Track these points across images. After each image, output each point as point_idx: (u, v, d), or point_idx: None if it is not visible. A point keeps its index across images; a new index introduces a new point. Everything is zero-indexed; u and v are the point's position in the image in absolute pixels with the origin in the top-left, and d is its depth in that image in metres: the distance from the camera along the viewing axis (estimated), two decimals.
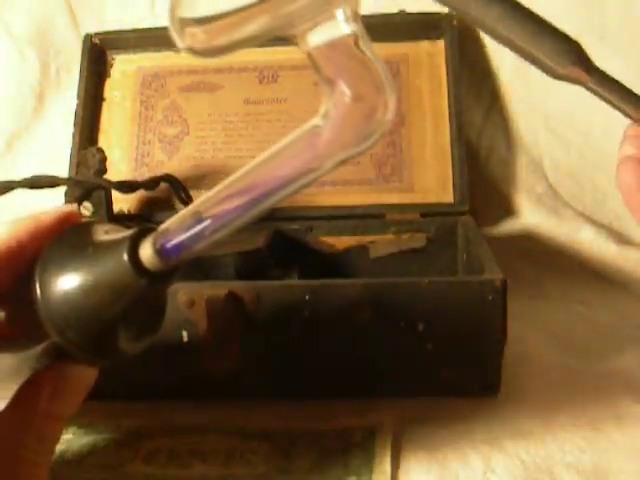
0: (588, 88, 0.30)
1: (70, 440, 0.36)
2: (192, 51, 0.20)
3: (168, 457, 0.35)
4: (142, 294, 0.24)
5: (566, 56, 0.30)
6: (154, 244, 0.24)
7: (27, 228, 0.26)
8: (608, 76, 0.30)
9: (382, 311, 0.38)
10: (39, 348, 0.26)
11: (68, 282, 0.24)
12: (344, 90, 0.21)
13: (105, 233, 0.25)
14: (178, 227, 0.24)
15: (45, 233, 0.26)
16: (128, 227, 0.26)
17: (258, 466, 0.34)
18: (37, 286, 0.24)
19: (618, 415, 0.37)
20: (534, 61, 0.31)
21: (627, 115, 0.32)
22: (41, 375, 0.25)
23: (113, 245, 0.24)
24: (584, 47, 0.31)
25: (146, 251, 0.23)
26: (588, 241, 0.64)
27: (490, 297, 0.37)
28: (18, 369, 0.27)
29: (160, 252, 0.23)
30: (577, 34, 0.32)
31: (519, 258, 0.63)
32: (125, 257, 0.23)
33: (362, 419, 0.37)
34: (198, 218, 0.24)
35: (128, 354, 0.25)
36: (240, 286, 0.38)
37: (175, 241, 0.24)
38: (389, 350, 0.38)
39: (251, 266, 0.47)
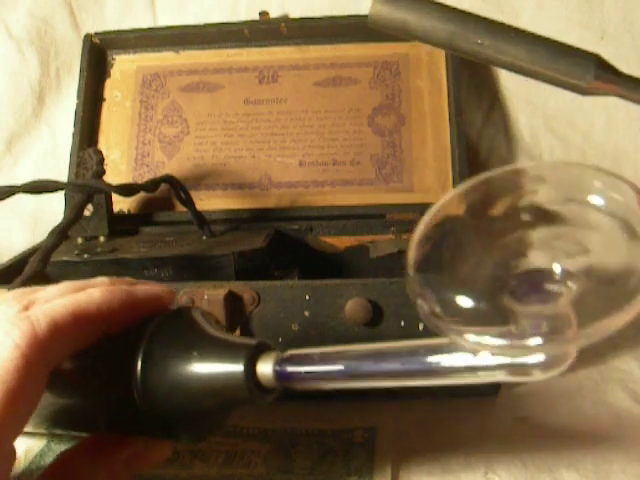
0: (621, 96, 0.29)
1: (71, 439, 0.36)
2: None
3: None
4: (244, 402, 0.25)
5: (587, 72, 0.29)
6: (275, 365, 0.24)
7: (121, 298, 0.26)
8: (637, 79, 0.29)
9: (382, 311, 0.38)
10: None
11: (175, 378, 0.24)
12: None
13: (210, 326, 0.26)
14: (306, 360, 0.24)
15: (136, 307, 0.27)
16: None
17: (258, 466, 0.34)
18: (138, 370, 0.25)
19: (618, 415, 0.37)
20: (559, 84, 0.30)
21: None
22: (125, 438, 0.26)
23: (227, 351, 0.24)
24: (584, 47, 0.31)
25: (265, 369, 0.24)
26: None
27: None
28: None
29: (278, 374, 0.24)
30: (577, 34, 0.32)
31: None
32: (241, 369, 0.24)
33: (362, 419, 0.37)
34: (329, 360, 0.24)
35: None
36: (240, 286, 0.39)
37: (297, 370, 0.24)
38: None
39: (251, 266, 0.47)
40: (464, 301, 0.20)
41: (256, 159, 0.60)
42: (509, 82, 0.65)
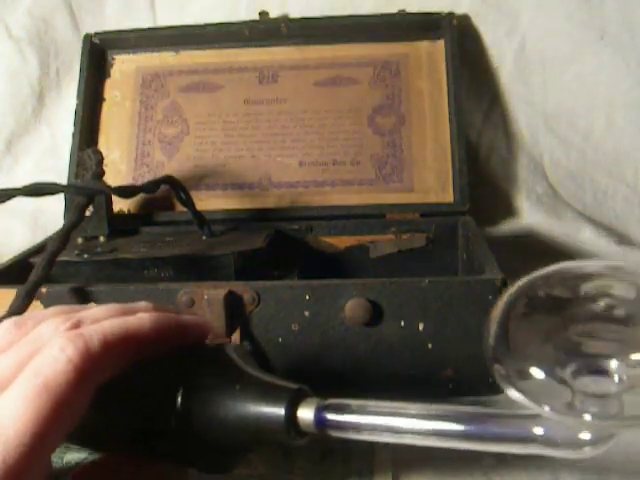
0: None
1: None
2: None
3: None
4: (278, 443, 0.26)
5: None
6: (317, 412, 0.25)
7: (169, 324, 0.27)
8: None
9: (382, 311, 0.38)
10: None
11: (215, 410, 0.25)
12: None
13: (247, 362, 0.27)
14: (345, 409, 0.25)
15: (179, 335, 0.27)
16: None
17: (258, 466, 0.34)
18: (180, 396, 0.25)
19: None
20: None
21: None
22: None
23: (270, 393, 0.25)
24: (584, 47, 0.31)
25: (305, 414, 0.24)
26: (588, 241, 0.64)
27: (490, 297, 0.37)
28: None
29: (318, 420, 0.24)
30: (577, 34, 0.32)
31: (519, 258, 0.63)
32: (282, 412, 0.24)
33: None
34: (369, 412, 0.25)
35: None
36: (240, 286, 0.39)
37: (335, 418, 0.24)
38: (389, 350, 0.38)
39: (251, 266, 0.47)
40: (535, 372, 0.22)
41: (256, 159, 0.60)
42: (509, 82, 0.65)
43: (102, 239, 0.53)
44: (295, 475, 0.33)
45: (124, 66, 0.65)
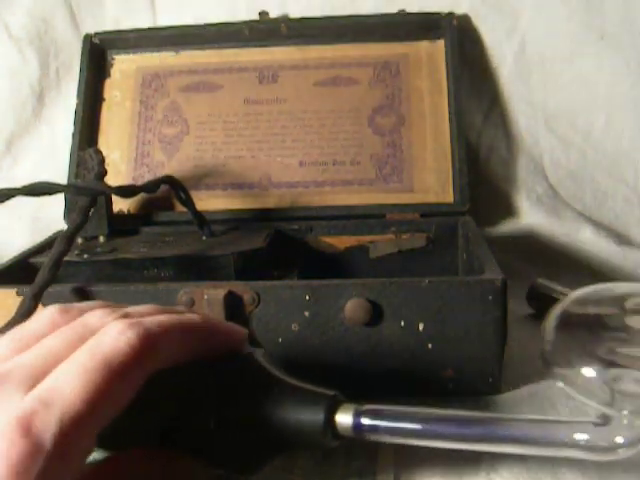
0: None
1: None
2: None
3: None
4: (312, 446, 0.27)
5: None
6: (355, 417, 0.26)
7: (218, 327, 0.29)
8: None
9: (382, 311, 0.38)
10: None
11: (253, 414, 0.26)
12: None
13: (276, 369, 0.28)
14: (386, 414, 0.27)
15: (222, 339, 0.28)
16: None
17: None
18: (220, 398, 0.26)
19: None
20: None
21: None
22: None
23: (309, 399, 0.27)
24: (584, 47, 0.31)
25: (343, 419, 0.26)
26: (588, 241, 0.64)
27: (490, 297, 0.37)
28: None
29: (355, 425, 0.26)
30: (577, 34, 0.32)
31: (519, 258, 0.63)
32: (322, 417, 0.26)
33: None
34: (410, 418, 0.27)
35: None
36: (240, 286, 0.39)
37: (372, 423, 0.26)
38: (389, 350, 0.38)
39: (251, 266, 0.47)
40: (586, 371, 0.27)
41: (256, 159, 0.60)
42: (509, 82, 0.65)
43: (102, 239, 0.53)
44: (295, 475, 0.33)
45: (124, 66, 0.65)
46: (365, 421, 0.26)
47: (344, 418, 0.26)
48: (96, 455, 0.28)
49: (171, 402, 0.27)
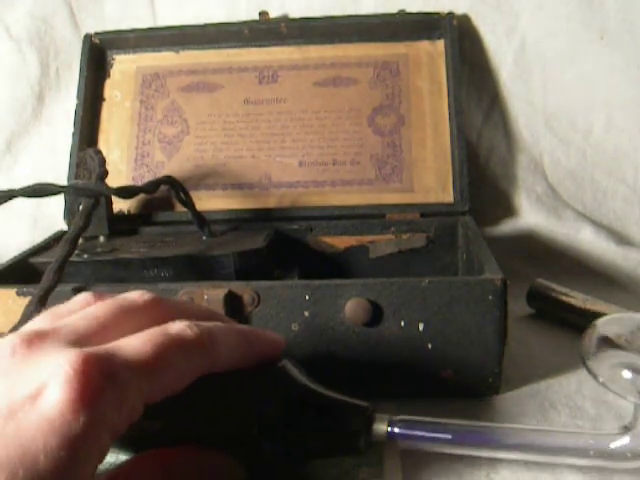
0: None
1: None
2: None
3: None
4: (347, 453, 0.30)
5: None
6: (389, 426, 0.30)
7: (261, 332, 0.31)
8: None
9: (382, 311, 0.38)
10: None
11: (294, 421, 0.28)
12: None
13: (309, 380, 0.30)
14: (418, 425, 0.30)
15: (267, 349, 0.30)
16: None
17: None
18: (265, 404, 0.28)
19: (619, 415, 0.37)
20: None
21: None
22: None
23: (348, 409, 0.30)
24: (584, 47, 0.31)
25: (379, 429, 0.30)
26: (588, 241, 0.64)
27: (490, 297, 0.37)
28: None
29: (390, 434, 0.30)
30: (577, 34, 0.32)
31: (519, 258, 0.63)
32: (361, 428, 0.29)
33: None
34: (441, 429, 0.30)
35: None
36: (240, 286, 0.39)
37: (408, 432, 0.30)
38: (389, 350, 0.38)
39: (251, 266, 0.47)
40: (625, 374, 0.31)
41: (256, 159, 0.60)
42: (509, 82, 0.65)
43: (102, 239, 0.53)
44: (299, 473, 0.33)
45: (124, 66, 0.65)
46: (398, 430, 0.30)
47: (380, 428, 0.29)
48: (121, 457, 0.28)
49: (217, 405, 0.28)
